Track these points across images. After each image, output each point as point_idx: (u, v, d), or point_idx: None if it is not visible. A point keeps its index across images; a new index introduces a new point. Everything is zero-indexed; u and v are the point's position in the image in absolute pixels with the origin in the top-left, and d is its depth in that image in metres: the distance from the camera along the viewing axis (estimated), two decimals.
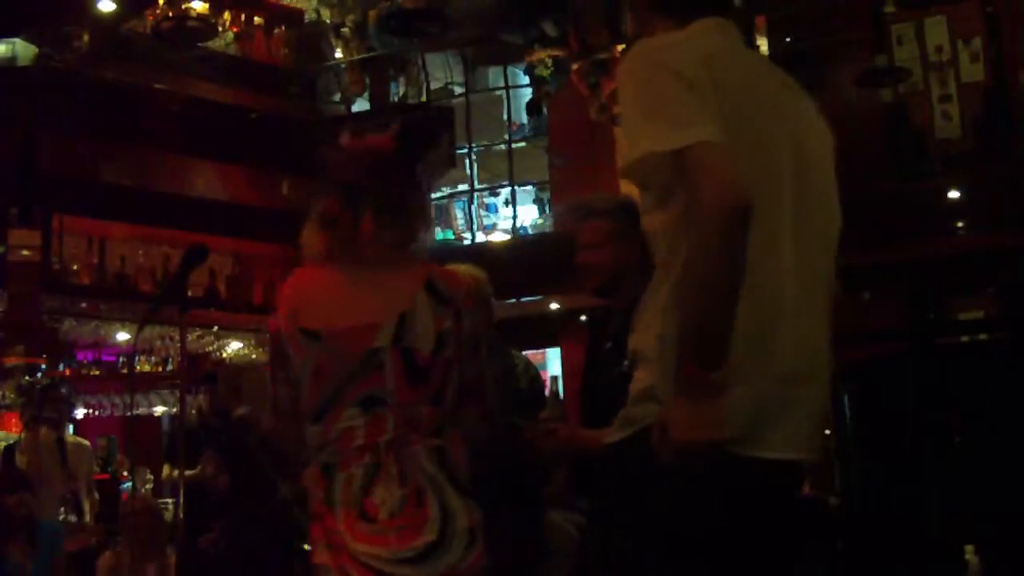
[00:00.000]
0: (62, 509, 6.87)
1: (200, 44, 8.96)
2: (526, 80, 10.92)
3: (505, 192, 12.73)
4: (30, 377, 8.19)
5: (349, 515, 2.17)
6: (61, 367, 9.56)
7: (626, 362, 2.30)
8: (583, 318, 8.95)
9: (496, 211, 13.20)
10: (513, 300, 9.43)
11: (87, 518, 7.16)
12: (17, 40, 8.52)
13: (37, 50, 8.46)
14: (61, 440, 7.01)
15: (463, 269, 3.52)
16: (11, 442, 7.18)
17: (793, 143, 1.95)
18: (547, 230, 12.66)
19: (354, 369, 2.23)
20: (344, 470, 2.21)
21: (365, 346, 2.23)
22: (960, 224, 9.95)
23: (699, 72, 1.80)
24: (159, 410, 10.41)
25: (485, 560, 2.21)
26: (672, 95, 1.79)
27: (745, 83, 1.89)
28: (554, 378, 9.48)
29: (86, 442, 7.54)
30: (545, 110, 11.04)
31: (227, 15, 9.65)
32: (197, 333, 9.44)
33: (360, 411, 2.22)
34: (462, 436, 2.33)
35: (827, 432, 6.70)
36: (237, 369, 6.25)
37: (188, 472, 5.37)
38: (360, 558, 2.15)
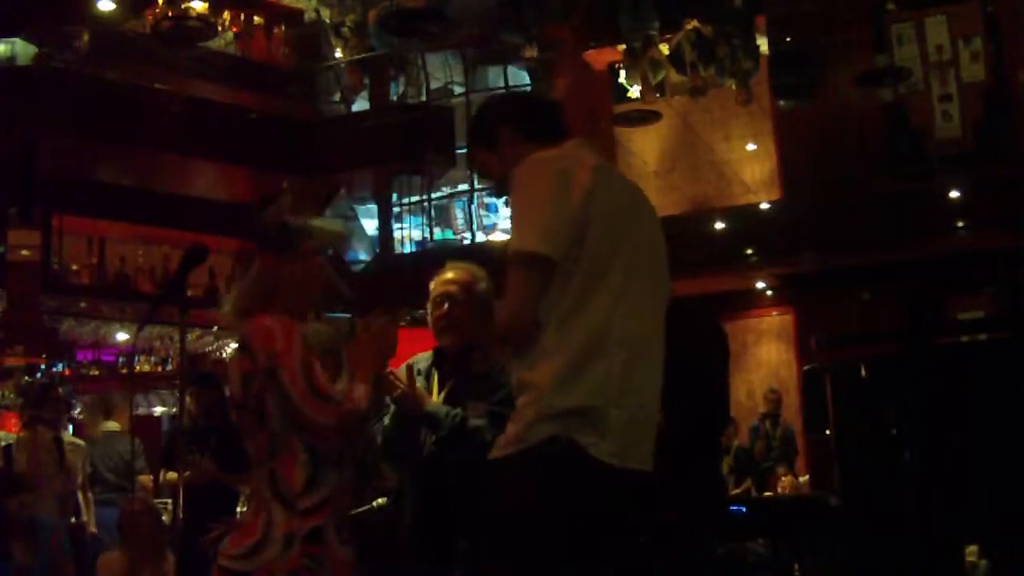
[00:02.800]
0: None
1: (200, 44, 8.96)
2: (526, 80, 10.92)
3: None
4: (30, 377, 8.20)
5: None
6: (61, 367, 9.56)
7: None
8: None
9: (496, 211, 13.19)
10: None
11: (85, 516, 7.17)
12: (17, 40, 8.52)
13: (37, 50, 8.46)
14: (58, 440, 7.02)
15: (462, 267, 3.52)
16: (10, 442, 7.18)
17: (636, 231, 2.44)
18: None
19: None
20: None
21: None
22: (960, 224, 9.95)
23: (587, 174, 2.33)
24: (159, 410, 10.42)
25: (305, 561, 2.61)
26: (540, 202, 2.31)
27: (610, 191, 2.39)
28: None
29: (81, 442, 7.56)
30: None
31: (227, 15, 9.65)
32: (197, 333, 9.44)
33: None
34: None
35: (828, 432, 6.70)
36: None
37: (186, 473, 5.37)
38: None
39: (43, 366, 8.44)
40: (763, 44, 9.77)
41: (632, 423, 2.29)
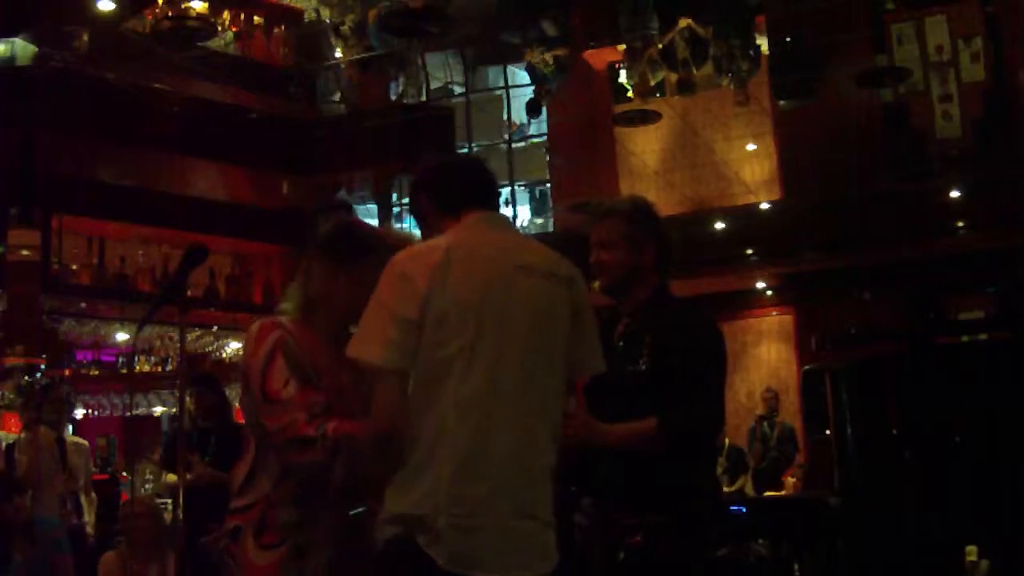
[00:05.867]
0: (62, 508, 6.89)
1: (200, 44, 8.95)
2: (526, 80, 10.92)
3: (505, 192, 12.73)
4: (30, 377, 8.18)
5: None
6: (64, 367, 9.55)
7: (642, 361, 2.86)
8: None
9: None
10: None
11: (87, 517, 7.17)
12: (17, 40, 8.52)
13: (37, 50, 8.46)
14: (61, 440, 7.02)
15: None
16: (11, 442, 7.18)
17: (513, 314, 2.37)
18: (547, 229, 12.67)
19: None
20: None
21: None
22: (960, 224, 9.96)
23: (424, 277, 2.32)
24: (159, 410, 10.41)
25: (226, 557, 2.72)
26: (377, 310, 2.34)
27: (456, 288, 2.34)
28: None
29: (85, 442, 7.56)
30: (544, 110, 11.04)
31: (227, 15, 9.63)
32: (197, 333, 9.44)
33: None
34: None
35: (828, 432, 6.70)
36: None
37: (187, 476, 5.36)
38: None
39: (43, 366, 8.43)
40: (763, 44, 9.76)
41: (470, 532, 2.28)
